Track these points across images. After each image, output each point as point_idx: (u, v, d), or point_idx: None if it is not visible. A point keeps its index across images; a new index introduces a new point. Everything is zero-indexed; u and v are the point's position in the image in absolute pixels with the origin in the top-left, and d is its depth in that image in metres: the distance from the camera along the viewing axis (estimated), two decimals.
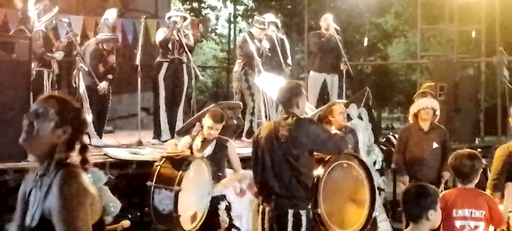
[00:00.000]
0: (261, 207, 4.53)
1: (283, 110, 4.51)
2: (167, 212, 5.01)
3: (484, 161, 4.79)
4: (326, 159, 4.78)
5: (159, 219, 5.11)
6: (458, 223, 4.10)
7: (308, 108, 7.39)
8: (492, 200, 4.30)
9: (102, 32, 8.01)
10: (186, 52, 7.97)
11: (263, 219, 4.47)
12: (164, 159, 5.18)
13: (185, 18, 8.18)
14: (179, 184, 4.97)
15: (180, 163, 5.08)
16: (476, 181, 4.23)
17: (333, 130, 5.49)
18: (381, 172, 7.09)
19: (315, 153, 4.44)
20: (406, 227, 5.79)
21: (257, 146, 4.54)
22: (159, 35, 8.01)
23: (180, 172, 5.00)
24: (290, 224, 4.29)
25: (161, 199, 5.03)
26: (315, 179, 4.62)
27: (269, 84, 7.04)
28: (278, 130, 4.39)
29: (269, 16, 9.04)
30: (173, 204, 4.95)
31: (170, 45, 7.93)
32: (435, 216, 3.33)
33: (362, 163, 5.15)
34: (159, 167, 5.11)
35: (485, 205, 4.13)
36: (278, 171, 4.36)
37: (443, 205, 4.02)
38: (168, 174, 5.08)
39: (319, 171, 4.69)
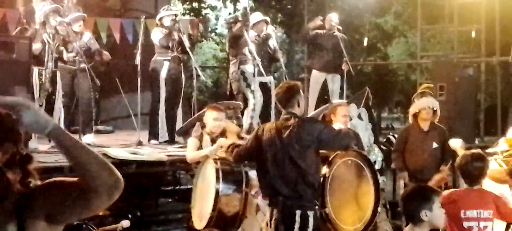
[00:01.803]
0: (268, 208, 4.55)
1: (284, 111, 4.50)
2: (233, 214, 4.99)
3: None
4: (331, 157, 4.79)
5: (218, 222, 5.01)
6: (466, 224, 4.11)
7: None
8: (498, 197, 4.31)
9: (69, 13, 7.56)
10: (187, 51, 7.97)
11: (270, 220, 4.46)
12: (219, 160, 5.08)
13: (176, 16, 8.16)
14: (247, 185, 5.00)
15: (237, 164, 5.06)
16: (482, 181, 4.25)
17: (338, 125, 5.46)
18: (381, 172, 7.09)
19: (320, 152, 4.45)
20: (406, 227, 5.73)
21: (260, 147, 4.51)
22: (157, 35, 7.93)
23: (243, 172, 5.01)
24: (297, 226, 4.28)
25: (229, 201, 4.99)
26: (322, 177, 4.63)
27: None
28: (281, 131, 4.38)
29: (257, 15, 8.99)
30: (244, 205, 4.99)
31: (170, 44, 7.92)
32: (431, 217, 3.33)
33: (366, 159, 5.16)
34: (220, 170, 5.00)
35: (492, 204, 4.15)
36: (284, 172, 4.35)
37: (451, 206, 4.04)
38: (231, 176, 5.04)
39: (324, 170, 4.70)
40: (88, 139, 7.45)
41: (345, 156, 4.90)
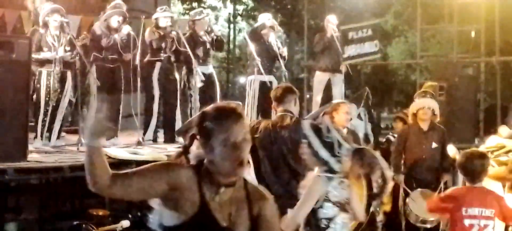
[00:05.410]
0: None
1: (280, 108, 4.52)
2: None
3: None
4: None
5: None
6: (467, 222, 4.11)
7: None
8: (501, 198, 4.32)
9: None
10: (181, 52, 7.94)
11: None
12: None
13: (172, 18, 8.12)
14: None
15: None
16: (484, 179, 4.25)
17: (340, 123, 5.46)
18: None
19: None
20: (405, 228, 5.78)
21: (253, 143, 4.52)
22: (150, 36, 7.87)
23: None
24: None
25: None
26: None
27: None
28: (276, 129, 4.39)
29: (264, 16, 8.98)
30: None
31: (163, 44, 7.88)
32: None
33: None
34: None
35: (494, 203, 4.15)
36: (277, 171, 4.36)
37: (453, 203, 4.04)
38: None
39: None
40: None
41: None
